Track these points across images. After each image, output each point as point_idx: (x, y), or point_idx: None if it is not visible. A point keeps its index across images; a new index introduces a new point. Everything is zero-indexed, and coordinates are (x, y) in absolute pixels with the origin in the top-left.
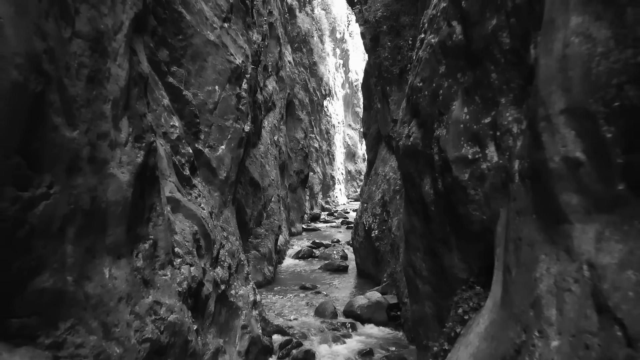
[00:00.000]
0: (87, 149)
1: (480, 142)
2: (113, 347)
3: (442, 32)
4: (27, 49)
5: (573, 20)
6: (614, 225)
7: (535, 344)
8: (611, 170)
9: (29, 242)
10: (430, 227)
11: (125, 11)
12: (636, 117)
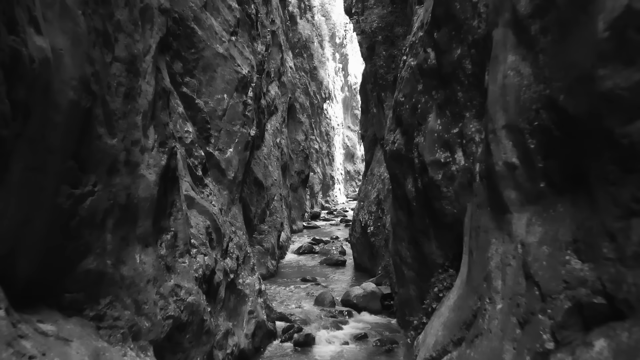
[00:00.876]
0: (124, 153)
1: (451, 148)
2: (143, 321)
3: (420, 56)
4: (80, 73)
5: (509, 58)
6: (538, 213)
7: (487, 308)
8: (535, 172)
9: (79, 231)
10: (412, 220)
11: (153, 36)
12: (548, 134)
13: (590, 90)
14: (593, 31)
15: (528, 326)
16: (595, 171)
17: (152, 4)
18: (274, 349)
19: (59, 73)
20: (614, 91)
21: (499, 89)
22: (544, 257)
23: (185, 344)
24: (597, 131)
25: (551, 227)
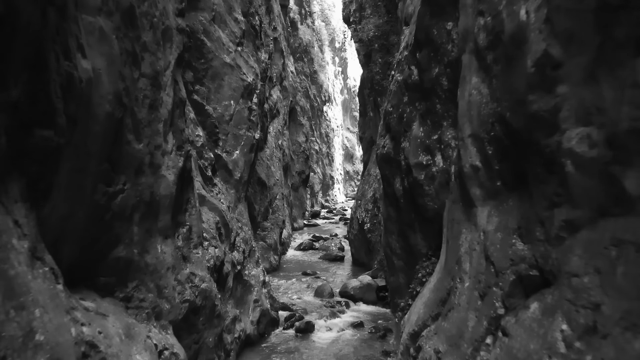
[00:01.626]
0: (148, 157)
1: (431, 152)
2: (164, 304)
3: (405, 73)
4: (114, 89)
5: (473, 79)
6: (495, 206)
7: (457, 286)
8: (493, 173)
9: (111, 223)
10: (401, 215)
11: (172, 53)
12: (500, 142)
13: (525, 110)
14: (525, 66)
15: (486, 297)
16: (531, 172)
17: (171, 25)
18: (277, 335)
19: (98, 89)
20: (538, 112)
21: (465, 104)
22: (498, 241)
23: (199, 326)
24: (530, 142)
25: (504, 217)
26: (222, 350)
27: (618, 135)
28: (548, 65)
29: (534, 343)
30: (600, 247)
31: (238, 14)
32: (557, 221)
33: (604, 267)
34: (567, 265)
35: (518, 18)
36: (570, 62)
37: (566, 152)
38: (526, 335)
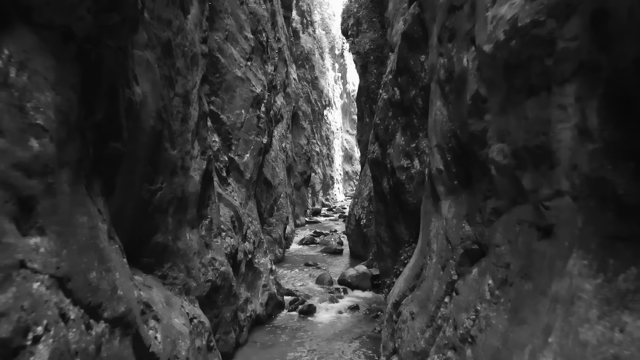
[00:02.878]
0: (180, 161)
1: (410, 157)
2: (191, 282)
3: (390, 92)
4: (157, 107)
5: (437, 103)
6: (453, 200)
7: (427, 263)
8: (451, 175)
9: (152, 215)
10: (388, 209)
11: (197, 74)
12: (455, 151)
13: (467, 130)
14: (466, 98)
15: (445, 268)
16: (473, 174)
17: (197, 51)
18: (283, 316)
19: (145, 108)
20: (475, 132)
21: (432, 121)
22: (454, 225)
23: (219, 302)
24: (472, 152)
25: (458, 207)
26: (237, 325)
27: (518, 150)
28: (479, 99)
29: (472, 295)
30: (511, 225)
31: (247, 32)
32: (488, 209)
33: (512, 239)
34: (493, 239)
35: (462, 64)
36: (491, 99)
37: (491, 160)
38: (468, 291)
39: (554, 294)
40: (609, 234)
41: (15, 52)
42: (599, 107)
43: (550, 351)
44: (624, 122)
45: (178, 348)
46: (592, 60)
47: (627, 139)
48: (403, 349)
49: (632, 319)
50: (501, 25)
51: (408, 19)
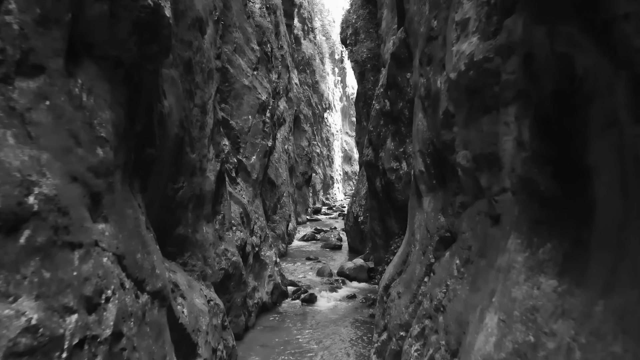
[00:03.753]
0: (198, 163)
1: (399, 160)
2: (208, 269)
3: (381, 103)
4: (180, 117)
5: (419, 115)
6: (432, 196)
7: (412, 250)
8: (430, 176)
9: (175, 210)
10: (380, 206)
11: (213, 87)
12: (434, 156)
13: (441, 139)
14: (439, 113)
15: (425, 253)
16: (446, 175)
17: (212, 66)
18: (286, 304)
19: (170, 118)
20: (446, 141)
21: (416, 130)
22: (432, 218)
23: (230, 289)
24: (445, 157)
25: (435, 203)
26: (246, 310)
27: (477, 156)
28: (449, 115)
29: (444, 273)
30: (473, 216)
31: (254, 44)
32: (457, 203)
33: (474, 226)
34: (460, 227)
35: (437, 85)
36: (458, 115)
37: (458, 164)
38: (441, 270)
39: (498, 266)
40: (534, 220)
41: (85, 80)
42: (530, 125)
43: (492, 307)
44: (546, 136)
45: (199, 323)
46: (525, 90)
47: (547, 149)
48: (391, 323)
49: (545, 279)
50: (462, 58)
51: (396, 42)
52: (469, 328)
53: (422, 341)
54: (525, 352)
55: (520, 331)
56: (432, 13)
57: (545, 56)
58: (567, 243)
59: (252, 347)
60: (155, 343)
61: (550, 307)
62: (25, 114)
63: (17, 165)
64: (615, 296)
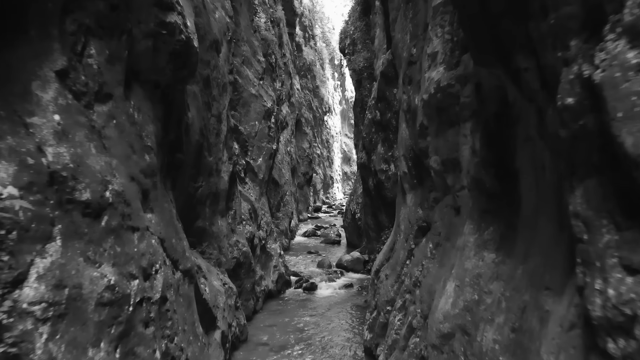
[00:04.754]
0: (215, 165)
1: (388, 163)
2: (222, 257)
3: (373, 113)
4: (200, 125)
5: (402, 125)
6: (413, 193)
7: (398, 239)
8: (412, 176)
9: (195, 205)
10: (373, 202)
11: (226, 98)
12: (415, 160)
13: (418, 146)
14: (416, 126)
15: (407, 241)
16: (423, 176)
17: (226, 81)
18: (290, 292)
19: (192, 127)
20: (422, 148)
21: (400, 138)
22: (413, 211)
23: (241, 275)
24: (421, 161)
25: (415, 198)
26: (254, 295)
27: (444, 161)
28: (423, 127)
29: (421, 256)
30: (442, 208)
31: (260, 55)
32: (431, 199)
33: (442, 217)
34: (433, 218)
35: (415, 102)
36: (430, 127)
37: (431, 167)
38: (419, 253)
39: (457, 245)
40: (482, 209)
41: (135, 101)
42: (480, 137)
43: (451, 277)
44: (490, 146)
45: (218, 301)
46: (477, 110)
47: (491, 156)
48: (379, 301)
49: (487, 253)
50: (432, 83)
51: (385, 62)
52: (435, 295)
53: (404, 312)
54: (471, 307)
55: (469, 292)
56: (412, 42)
57: (489, 86)
58: (503, 226)
59: (260, 327)
60: (187, 311)
61: (489, 273)
62: (101, 130)
63: (99, 169)
64: (529, 262)
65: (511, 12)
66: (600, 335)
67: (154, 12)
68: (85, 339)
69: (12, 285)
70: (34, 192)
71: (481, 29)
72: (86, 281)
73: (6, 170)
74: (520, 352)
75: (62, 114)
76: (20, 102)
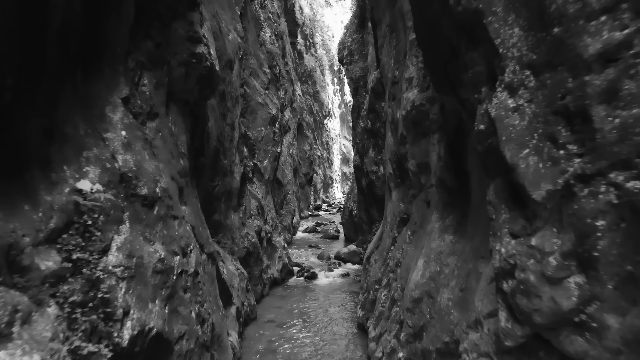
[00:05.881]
0: (229, 167)
1: (378, 165)
2: (234, 247)
3: (365, 122)
4: (217, 133)
5: (388, 133)
6: (397, 190)
7: (385, 229)
8: (396, 176)
9: (212, 202)
10: (365, 199)
11: (238, 108)
12: (398, 163)
13: (399, 152)
14: (398, 134)
15: (392, 230)
16: (404, 176)
17: (238, 94)
18: (293, 280)
19: (211, 135)
20: (403, 154)
21: (387, 144)
22: (396, 205)
23: (251, 263)
24: (403, 164)
25: (398, 195)
26: (262, 282)
27: (419, 164)
28: (403, 137)
29: (401, 241)
30: (418, 203)
31: (266, 67)
32: (410, 195)
33: (418, 209)
34: (411, 211)
35: (397, 115)
36: (408, 137)
37: (409, 169)
38: (400, 240)
39: (427, 231)
40: (445, 202)
41: (172, 117)
42: (445, 146)
43: (421, 255)
44: (451, 153)
45: (233, 281)
46: (442, 125)
47: (452, 160)
48: (369, 282)
49: (447, 236)
50: (408, 102)
51: (374, 80)
52: (410, 271)
53: (388, 288)
54: (435, 277)
55: (433, 266)
56: (395, 66)
57: (449, 107)
58: (459, 215)
59: (267, 308)
60: (211, 286)
61: (447, 250)
62: (152, 141)
63: (151, 171)
64: (475, 240)
65: (451, 62)
66: (499, 279)
67: (187, 45)
68: (147, 295)
69: (102, 252)
70: (111, 188)
71: (437, 67)
72: (145, 254)
73: (94, 172)
74: (465, 305)
75: (127, 130)
76: (99, 122)
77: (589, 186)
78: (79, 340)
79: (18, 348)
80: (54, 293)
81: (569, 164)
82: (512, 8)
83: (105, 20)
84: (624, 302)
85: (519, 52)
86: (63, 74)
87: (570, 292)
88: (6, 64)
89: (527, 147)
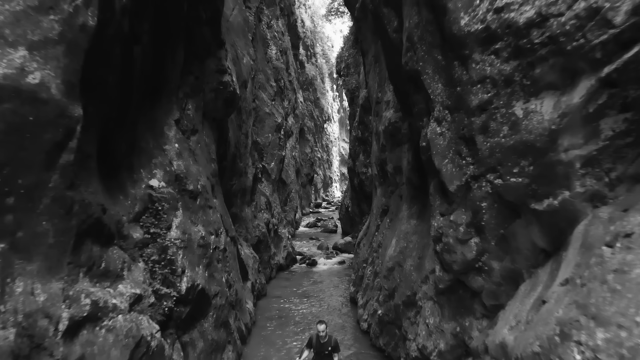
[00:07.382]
0: (243, 169)
1: (367, 167)
2: (248, 235)
3: (356, 132)
4: (235, 141)
5: (374, 143)
6: (381, 187)
7: (372, 219)
8: (379, 176)
9: (230, 198)
10: (357, 196)
11: (251, 120)
12: (380, 166)
13: (381, 157)
14: (380, 144)
15: (377, 219)
16: (385, 176)
17: (250, 107)
18: (296, 266)
19: (231, 143)
20: (383, 159)
21: (372, 150)
22: (380, 200)
23: (261, 250)
24: (384, 167)
25: (381, 191)
26: (270, 266)
27: (395, 167)
28: (383, 146)
29: (383, 228)
30: (395, 197)
31: (272, 81)
32: (389, 191)
33: (394, 202)
34: (390, 204)
35: (379, 128)
36: (387, 145)
37: (388, 171)
38: (382, 226)
39: (399, 218)
40: (412, 196)
41: (205, 131)
42: (412, 154)
43: (395, 235)
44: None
45: (249, 261)
46: (411, 138)
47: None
48: (358, 262)
49: (413, 220)
50: (386, 119)
51: (363, 98)
52: (387, 248)
53: (372, 265)
54: (403, 250)
55: (402, 242)
56: (378, 89)
57: (415, 125)
58: (421, 205)
59: (274, 288)
60: (234, 262)
61: (412, 231)
62: (194, 151)
63: (195, 172)
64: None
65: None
66: (434, 244)
67: (216, 76)
68: (194, 261)
69: (167, 229)
70: (170, 185)
71: (403, 96)
72: (192, 232)
73: (159, 173)
74: (421, 267)
75: (178, 143)
76: (160, 137)
77: (478, 182)
78: (159, 284)
79: (128, 284)
80: (141, 254)
81: (467, 169)
82: (437, 71)
83: (166, 65)
84: (501, 252)
85: (441, 98)
86: (140, 106)
87: (472, 248)
88: (113, 103)
89: (446, 158)
